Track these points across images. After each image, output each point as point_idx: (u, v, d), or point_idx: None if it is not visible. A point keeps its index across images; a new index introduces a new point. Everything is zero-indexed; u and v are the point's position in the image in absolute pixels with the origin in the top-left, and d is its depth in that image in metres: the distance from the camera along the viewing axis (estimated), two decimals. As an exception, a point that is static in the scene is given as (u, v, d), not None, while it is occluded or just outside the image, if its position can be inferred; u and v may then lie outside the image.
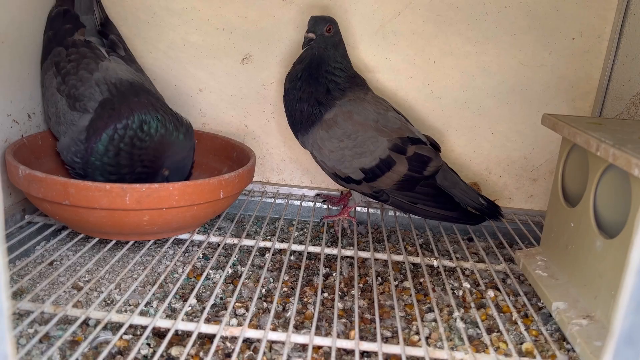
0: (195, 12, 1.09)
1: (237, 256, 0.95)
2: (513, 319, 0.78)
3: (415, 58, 1.08)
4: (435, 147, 1.01)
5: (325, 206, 1.14)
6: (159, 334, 0.71)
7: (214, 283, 0.86)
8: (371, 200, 1.08)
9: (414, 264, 0.96)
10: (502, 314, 0.82)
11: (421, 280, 0.91)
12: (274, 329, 0.73)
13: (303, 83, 0.95)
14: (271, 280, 0.88)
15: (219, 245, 0.94)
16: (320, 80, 0.94)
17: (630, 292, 0.23)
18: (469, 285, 0.87)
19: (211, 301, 0.74)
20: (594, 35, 1.05)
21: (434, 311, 0.78)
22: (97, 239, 0.88)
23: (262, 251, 0.98)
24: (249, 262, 0.86)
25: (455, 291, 0.88)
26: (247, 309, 0.78)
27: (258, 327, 0.74)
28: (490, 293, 0.85)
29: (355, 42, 1.08)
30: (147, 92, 0.94)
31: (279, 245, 0.94)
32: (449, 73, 1.09)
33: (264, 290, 0.85)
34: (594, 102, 1.08)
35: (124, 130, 0.87)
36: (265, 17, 1.08)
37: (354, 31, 1.08)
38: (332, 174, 0.98)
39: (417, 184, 0.96)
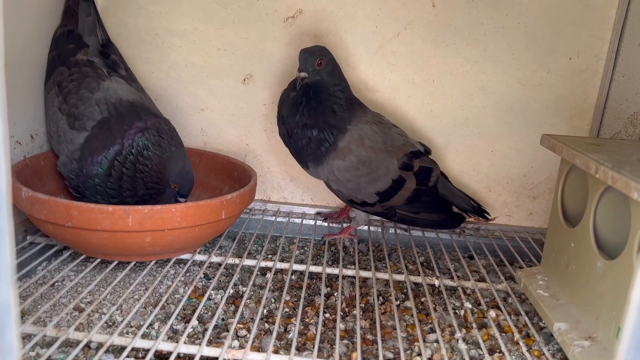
0: (197, 33, 1.10)
1: (238, 276, 0.95)
2: (515, 339, 0.78)
3: (415, 78, 1.10)
4: (426, 151, 1.04)
5: (326, 224, 1.15)
6: (161, 356, 0.71)
7: (216, 304, 0.86)
8: (372, 218, 1.09)
9: (415, 283, 0.96)
10: (503, 334, 0.82)
11: (422, 299, 0.91)
12: (276, 352, 0.73)
13: (305, 108, 0.91)
14: (273, 300, 0.88)
15: (220, 265, 0.94)
16: (325, 102, 0.92)
17: (632, 330, 0.24)
18: (470, 305, 0.87)
19: (213, 322, 0.74)
20: (591, 55, 1.06)
21: (435, 332, 0.78)
22: (99, 260, 0.88)
23: (264, 271, 0.98)
24: (251, 282, 0.86)
25: (456, 311, 0.88)
26: (249, 331, 0.78)
27: (260, 349, 0.74)
28: (492, 313, 0.85)
29: (355, 62, 1.10)
30: (146, 111, 0.95)
31: (280, 265, 0.94)
32: (448, 92, 1.10)
33: (265, 311, 0.85)
34: (592, 120, 1.09)
35: (125, 156, 0.88)
36: (266, 38, 1.09)
37: (354, 52, 1.09)
38: (348, 200, 0.98)
39: (423, 195, 0.99)
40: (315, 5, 1.07)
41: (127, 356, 0.70)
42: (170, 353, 0.66)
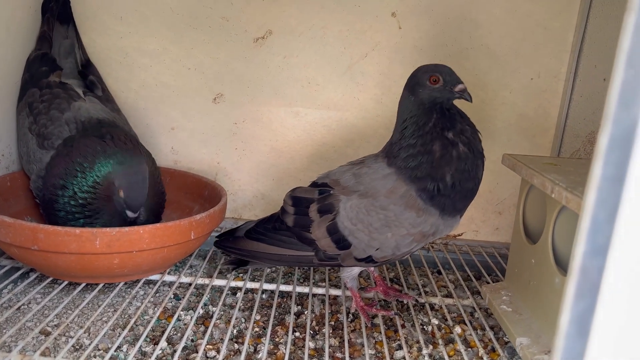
0: (167, 53, 1.11)
1: (208, 296, 0.95)
2: (480, 354, 0.80)
3: (383, 97, 1.12)
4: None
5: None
6: (129, 380, 0.71)
7: (185, 324, 0.86)
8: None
9: (384, 300, 0.97)
10: (469, 349, 0.84)
11: (391, 316, 0.93)
12: (245, 372, 0.73)
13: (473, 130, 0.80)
14: (243, 320, 0.88)
15: (190, 285, 0.94)
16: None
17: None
18: (437, 322, 0.89)
19: (182, 343, 0.74)
20: (550, 76, 1.10)
21: (403, 348, 0.79)
22: (66, 282, 0.87)
23: (234, 290, 0.98)
24: (221, 302, 0.87)
25: (424, 327, 0.90)
26: (218, 351, 0.78)
27: (229, 369, 0.74)
28: (458, 329, 0.87)
29: (324, 82, 1.12)
30: (114, 128, 0.95)
31: (251, 285, 0.94)
32: (415, 111, 1.13)
33: (235, 331, 0.85)
34: (553, 138, 1.13)
35: (71, 165, 0.87)
36: (236, 59, 1.11)
37: (323, 72, 1.11)
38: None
39: None
40: (284, 26, 1.09)
41: (94, 381, 0.69)
42: (137, 377, 0.66)
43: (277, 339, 0.84)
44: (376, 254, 0.81)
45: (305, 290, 0.94)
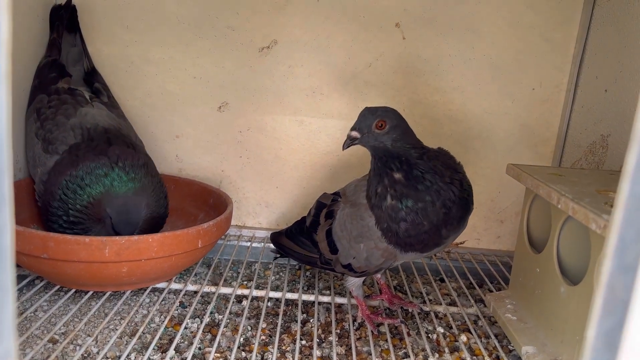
0: (172, 62, 1.12)
1: (214, 304, 0.95)
2: (485, 362, 0.80)
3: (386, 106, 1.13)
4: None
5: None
6: (139, 388, 0.71)
7: (192, 333, 0.86)
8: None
9: (389, 308, 0.98)
10: (474, 357, 0.84)
11: (397, 324, 0.93)
12: (254, 380, 0.74)
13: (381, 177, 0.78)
14: (249, 328, 0.89)
15: (196, 293, 0.95)
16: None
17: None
18: (442, 330, 0.90)
19: (191, 352, 0.75)
20: (552, 86, 1.12)
21: (409, 357, 0.80)
22: (73, 290, 0.87)
23: (240, 298, 0.99)
24: (227, 310, 0.87)
25: (429, 335, 0.91)
26: (226, 360, 0.79)
27: (238, 378, 0.75)
28: (463, 337, 0.88)
29: (329, 91, 1.13)
30: (120, 137, 0.95)
31: (257, 293, 0.95)
32: (418, 121, 1.14)
33: (242, 339, 0.85)
34: (555, 148, 1.14)
35: (72, 178, 0.87)
36: (241, 67, 1.12)
37: (328, 81, 1.12)
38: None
39: None
40: (289, 36, 1.10)
41: (105, 389, 0.70)
42: (148, 385, 0.67)
43: (284, 347, 0.84)
44: (354, 263, 0.84)
45: (311, 298, 0.95)
